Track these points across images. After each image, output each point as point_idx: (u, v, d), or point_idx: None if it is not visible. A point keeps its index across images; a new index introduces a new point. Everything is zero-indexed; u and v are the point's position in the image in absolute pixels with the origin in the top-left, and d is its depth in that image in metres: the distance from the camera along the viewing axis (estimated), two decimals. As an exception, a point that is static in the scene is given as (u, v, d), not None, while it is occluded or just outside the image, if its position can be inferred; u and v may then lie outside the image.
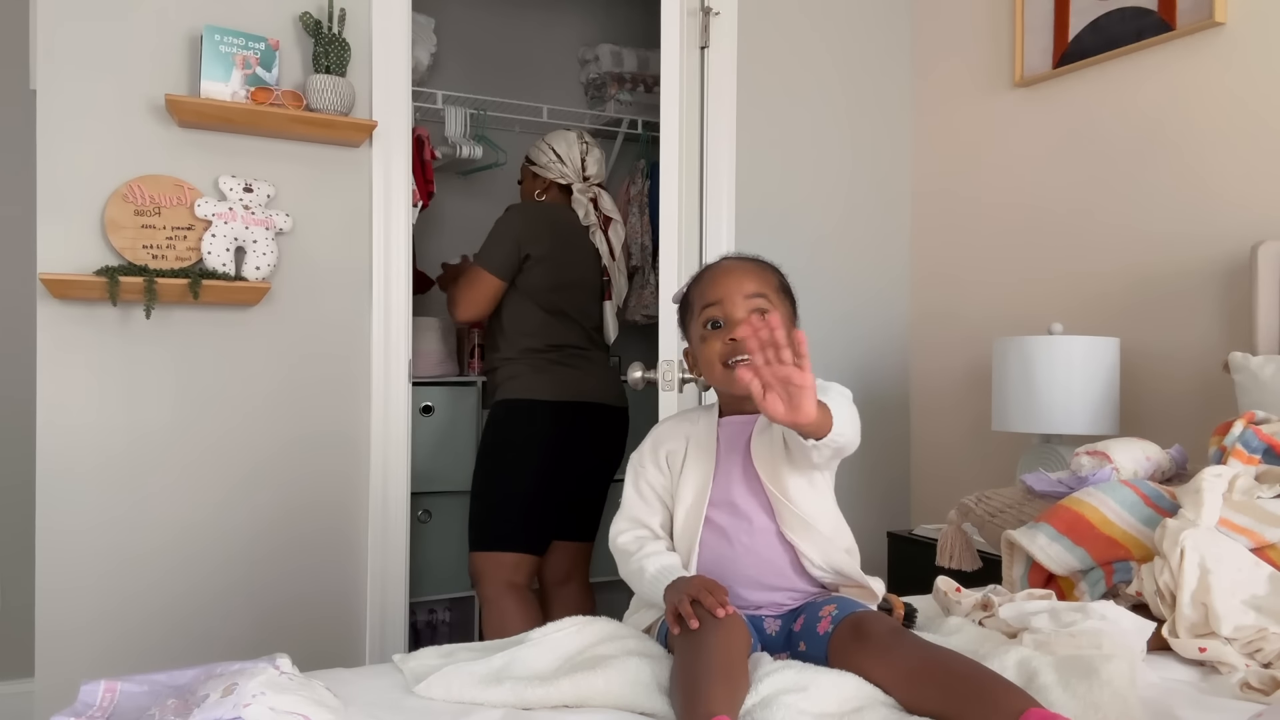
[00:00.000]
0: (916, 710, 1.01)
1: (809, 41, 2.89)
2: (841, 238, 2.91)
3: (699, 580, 1.18)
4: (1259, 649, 1.20)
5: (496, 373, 2.67)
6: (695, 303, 1.34)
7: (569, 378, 2.62)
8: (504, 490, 2.56)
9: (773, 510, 1.27)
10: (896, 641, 1.09)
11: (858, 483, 2.88)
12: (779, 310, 1.32)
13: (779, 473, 1.27)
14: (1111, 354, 2.24)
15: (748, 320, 1.26)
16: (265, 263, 2.20)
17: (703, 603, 1.11)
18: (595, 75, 3.76)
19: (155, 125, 2.17)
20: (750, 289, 1.30)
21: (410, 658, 1.19)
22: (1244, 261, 2.14)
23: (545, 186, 2.81)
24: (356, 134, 2.31)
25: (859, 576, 1.27)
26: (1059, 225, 2.61)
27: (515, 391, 2.59)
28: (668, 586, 1.20)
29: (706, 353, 1.30)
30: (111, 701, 1.01)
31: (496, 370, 2.67)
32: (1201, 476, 1.42)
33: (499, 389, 2.64)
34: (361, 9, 2.35)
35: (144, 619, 2.16)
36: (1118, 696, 1.00)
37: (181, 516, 2.20)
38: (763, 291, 1.30)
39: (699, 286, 1.34)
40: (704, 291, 1.32)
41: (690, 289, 1.37)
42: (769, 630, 1.26)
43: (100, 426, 2.13)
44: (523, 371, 2.60)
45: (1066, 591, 1.49)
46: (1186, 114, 2.31)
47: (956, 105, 2.92)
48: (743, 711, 1.00)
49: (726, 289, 1.30)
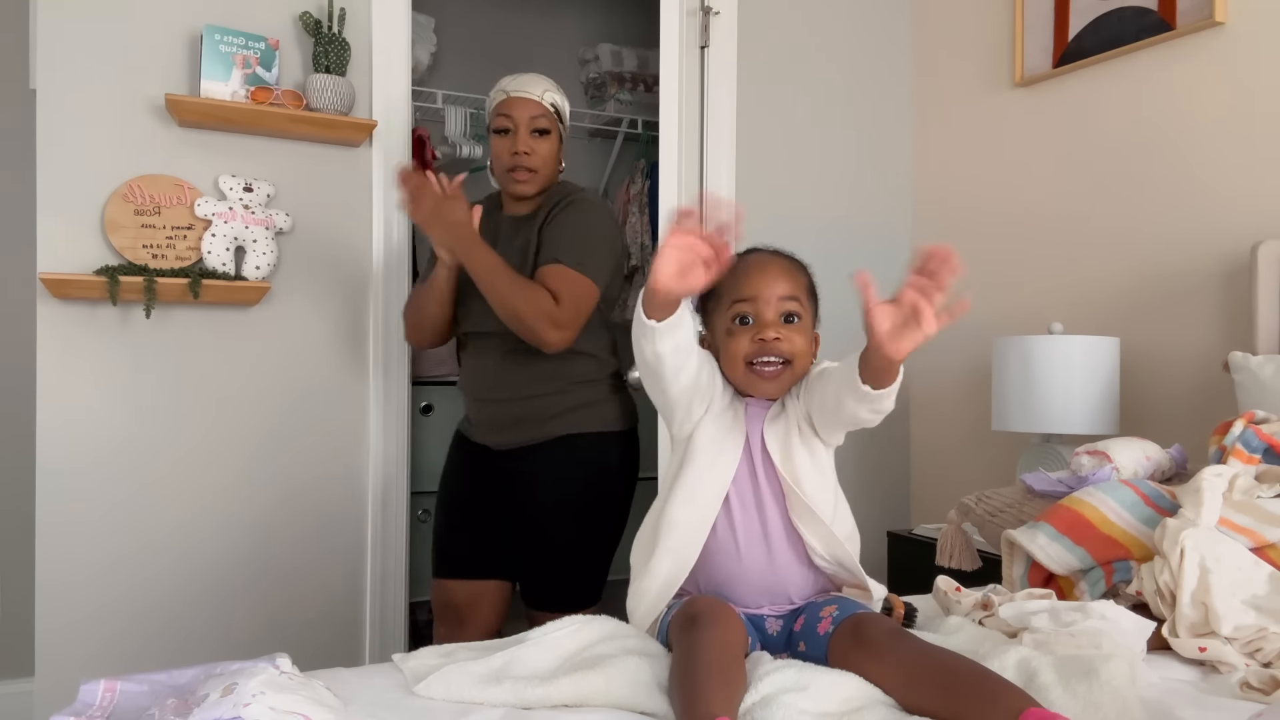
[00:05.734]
0: (916, 710, 1.01)
1: (809, 41, 2.89)
2: (842, 237, 2.91)
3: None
4: (1259, 649, 1.20)
5: (576, 395, 1.98)
6: (724, 294, 1.30)
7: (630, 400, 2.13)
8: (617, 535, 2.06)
9: (783, 497, 1.27)
10: (896, 642, 1.09)
11: (858, 483, 2.88)
12: (808, 313, 1.31)
13: (790, 457, 1.27)
14: (1111, 354, 2.24)
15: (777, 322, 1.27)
16: (265, 262, 2.20)
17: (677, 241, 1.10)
18: (595, 75, 3.76)
19: (155, 125, 2.17)
20: (783, 290, 1.29)
21: (410, 657, 1.19)
22: (1244, 261, 2.14)
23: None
24: (356, 134, 2.31)
25: (859, 573, 1.27)
26: (1059, 225, 2.61)
27: (617, 420, 2.03)
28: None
29: (732, 347, 1.29)
30: (111, 701, 1.01)
31: (572, 393, 1.98)
32: (1201, 476, 1.42)
33: (590, 416, 1.98)
34: (361, 9, 2.35)
35: (144, 619, 2.16)
36: (1118, 696, 1.00)
37: (181, 516, 2.20)
38: (795, 294, 1.29)
39: (730, 277, 1.28)
40: (737, 285, 1.29)
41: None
42: (770, 630, 1.26)
43: (100, 426, 2.13)
44: (613, 395, 2.04)
45: (1066, 591, 1.49)
46: (1186, 114, 2.31)
47: (956, 105, 2.92)
48: (743, 710, 1.00)
49: (761, 287, 1.28)
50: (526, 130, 1.94)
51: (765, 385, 1.28)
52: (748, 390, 1.30)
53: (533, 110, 1.94)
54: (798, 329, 1.29)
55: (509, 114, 1.94)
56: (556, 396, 1.94)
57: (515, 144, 1.94)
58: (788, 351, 1.27)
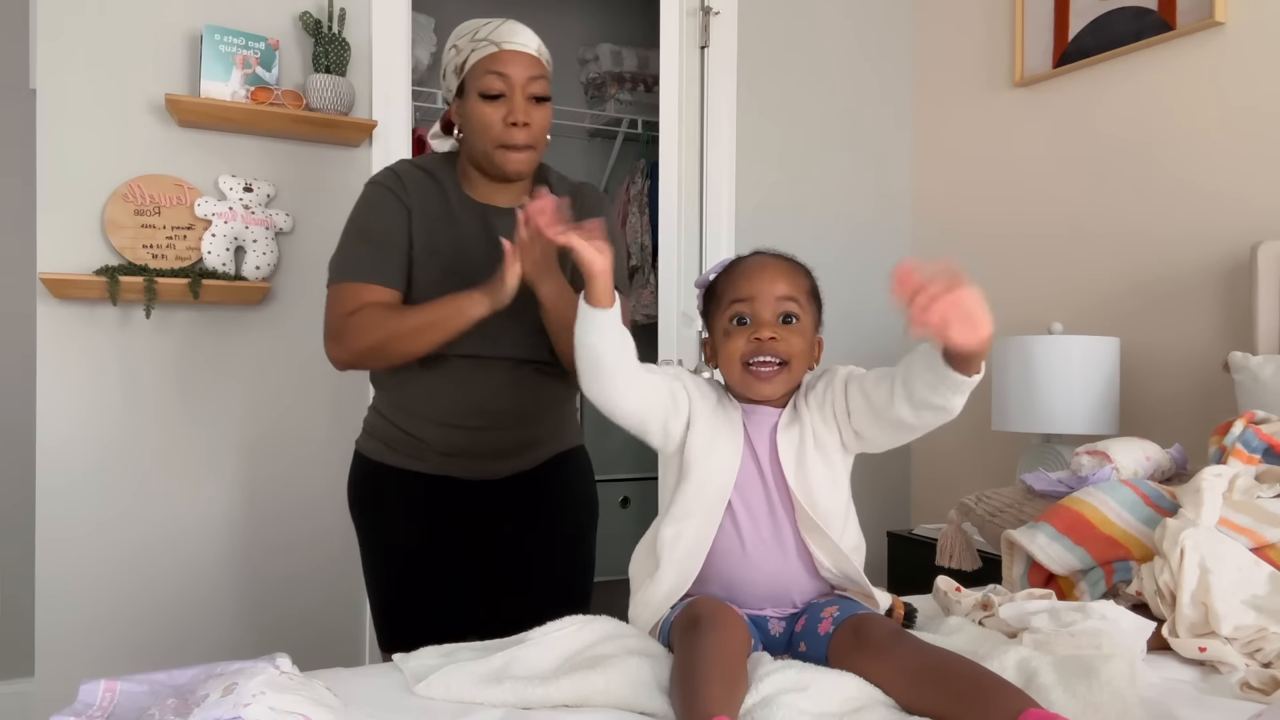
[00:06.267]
0: (915, 711, 1.01)
1: (809, 41, 2.89)
2: (842, 237, 2.91)
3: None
4: (1259, 649, 1.20)
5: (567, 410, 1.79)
6: (723, 295, 1.29)
7: None
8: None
9: (792, 509, 1.26)
10: (896, 643, 1.09)
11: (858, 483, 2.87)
12: (808, 315, 1.29)
13: (805, 470, 1.25)
14: (1111, 354, 2.24)
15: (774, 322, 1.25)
16: (265, 262, 2.20)
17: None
18: (595, 75, 3.76)
19: (155, 125, 2.17)
20: (782, 290, 1.27)
21: (410, 658, 1.19)
22: (1244, 261, 2.14)
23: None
24: (356, 134, 2.31)
25: (864, 584, 1.27)
26: (1059, 225, 2.61)
27: (581, 432, 1.85)
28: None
29: (729, 348, 1.27)
30: (111, 701, 1.00)
31: (566, 409, 1.78)
32: (1201, 476, 1.42)
33: (576, 431, 1.82)
34: (361, 9, 2.35)
35: (144, 618, 2.16)
36: (1117, 696, 1.00)
37: (181, 516, 2.20)
38: (794, 295, 1.28)
39: (729, 279, 1.29)
40: (734, 285, 1.28)
41: (719, 279, 1.33)
42: (773, 631, 1.26)
43: (100, 426, 2.13)
44: (577, 407, 1.86)
45: (1066, 591, 1.49)
46: (1186, 114, 2.31)
47: (956, 105, 2.92)
48: (743, 711, 1.00)
49: (758, 287, 1.27)
50: (524, 95, 1.54)
51: (762, 386, 1.26)
52: (745, 392, 1.29)
53: (532, 69, 1.55)
54: (796, 330, 1.27)
55: (503, 72, 1.53)
56: (560, 416, 1.76)
57: (513, 111, 1.53)
58: (784, 352, 1.25)
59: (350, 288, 1.55)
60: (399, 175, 1.61)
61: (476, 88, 1.54)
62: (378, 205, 1.60)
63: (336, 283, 1.57)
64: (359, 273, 1.56)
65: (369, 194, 1.62)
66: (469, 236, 1.60)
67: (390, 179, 1.61)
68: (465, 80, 1.56)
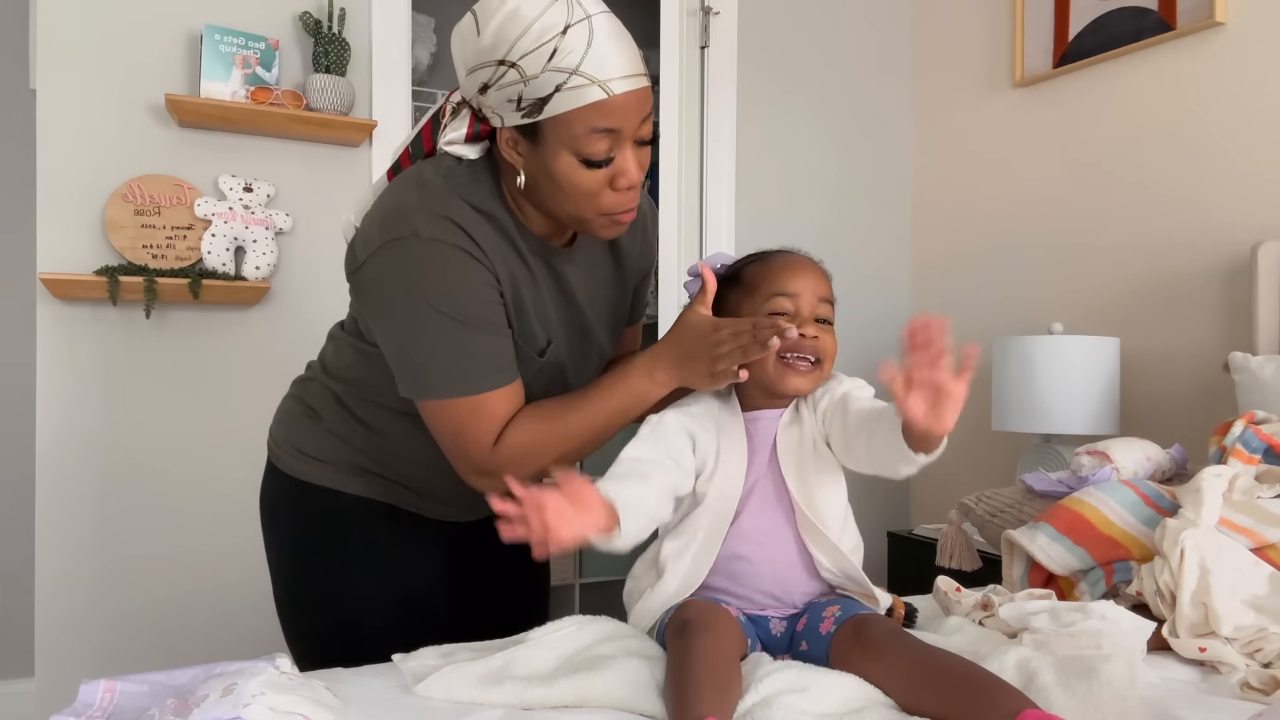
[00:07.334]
0: (915, 711, 1.01)
1: (809, 41, 2.89)
2: (841, 237, 2.91)
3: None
4: (1259, 649, 1.20)
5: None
6: (760, 285, 1.28)
7: None
8: None
9: (793, 511, 1.26)
10: (896, 643, 1.09)
11: (858, 483, 2.87)
12: (833, 321, 1.32)
13: (804, 473, 1.26)
14: (1111, 354, 2.24)
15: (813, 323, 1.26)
16: (265, 262, 2.20)
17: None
18: (595, 75, 3.75)
19: (155, 125, 2.17)
20: (823, 291, 1.29)
21: (410, 658, 1.19)
22: (1244, 261, 2.14)
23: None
24: (356, 134, 2.31)
25: (865, 584, 1.27)
26: (1059, 225, 2.61)
27: None
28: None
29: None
30: (111, 701, 1.00)
31: None
32: (1201, 476, 1.42)
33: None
34: (361, 9, 2.35)
35: (143, 619, 2.16)
36: (1117, 696, 1.00)
37: (181, 516, 2.20)
38: (829, 298, 1.30)
39: (768, 270, 1.28)
40: (778, 279, 1.28)
41: (753, 269, 1.31)
42: (774, 631, 1.26)
43: (100, 426, 2.13)
44: None
45: (1066, 591, 1.49)
46: (1186, 114, 2.31)
47: (956, 105, 2.92)
48: (743, 711, 1.00)
49: (804, 284, 1.27)
50: (635, 146, 1.14)
51: (798, 380, 1.26)
52: (775, 385, 1.27)
53: (644, 108, 1.13)
54: (829, 331, 1.29)
55: (614, 128, 1.10)
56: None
57: (626, 174, 1.14)
58: (821, 350, 1.27)
59: (473, 405, 1.17)
60: (463, 229, 1.15)
61: (572, 147, 1.10)
62: (465, 280, 1.16)
63: (451, 398, 1.18)
64: (480, 381, 1.17)
65: (441, 259, 1.14)
66: (546, 294, 1.26)
67: (456, 235, 1.15)
68: (544, 126, 1.10)
